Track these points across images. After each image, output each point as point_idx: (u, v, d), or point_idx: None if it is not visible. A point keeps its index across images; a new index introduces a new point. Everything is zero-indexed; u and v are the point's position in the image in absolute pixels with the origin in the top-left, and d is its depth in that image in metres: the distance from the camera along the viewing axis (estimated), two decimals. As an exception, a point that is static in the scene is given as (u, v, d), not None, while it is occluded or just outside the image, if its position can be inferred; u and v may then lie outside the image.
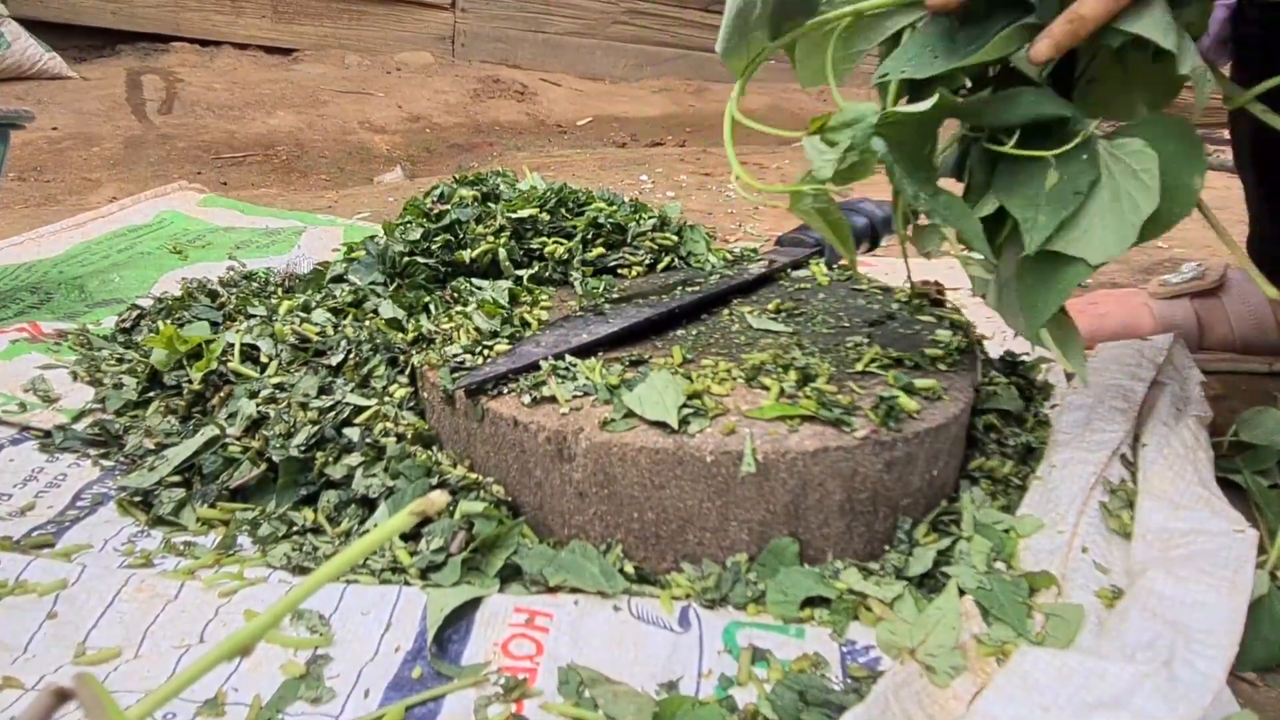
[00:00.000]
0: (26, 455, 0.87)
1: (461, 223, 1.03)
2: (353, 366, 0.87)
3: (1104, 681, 0.48)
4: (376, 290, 1.01)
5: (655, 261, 1.07)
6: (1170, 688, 0.46)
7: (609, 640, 0.61)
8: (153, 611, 0.63)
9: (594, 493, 0.70)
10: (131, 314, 1.18)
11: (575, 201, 1.11)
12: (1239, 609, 0.50)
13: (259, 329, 0.94)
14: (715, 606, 0.65)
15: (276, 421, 0.81)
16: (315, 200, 2.18)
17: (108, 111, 3.11)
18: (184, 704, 0.55)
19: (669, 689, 0.58)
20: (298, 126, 3.25)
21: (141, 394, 0.96)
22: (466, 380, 0.76)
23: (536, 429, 0.70)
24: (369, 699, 0.56)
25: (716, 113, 4.53)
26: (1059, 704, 0.47)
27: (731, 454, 0.66)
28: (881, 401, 0.70)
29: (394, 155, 3.21)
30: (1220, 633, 0.48)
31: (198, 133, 3.05)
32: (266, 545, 0.73)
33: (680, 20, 5.29)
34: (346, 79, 3.94)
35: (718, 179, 2.61)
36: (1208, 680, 0.46)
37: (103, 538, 0.75)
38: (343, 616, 0.63)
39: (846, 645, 0.62)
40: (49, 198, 2.34)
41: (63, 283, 1.35)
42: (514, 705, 0.56)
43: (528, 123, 3.92)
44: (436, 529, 0.69)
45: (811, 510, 0.68)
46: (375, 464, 0.77)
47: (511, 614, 0.63)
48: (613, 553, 0.70)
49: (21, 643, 0.60)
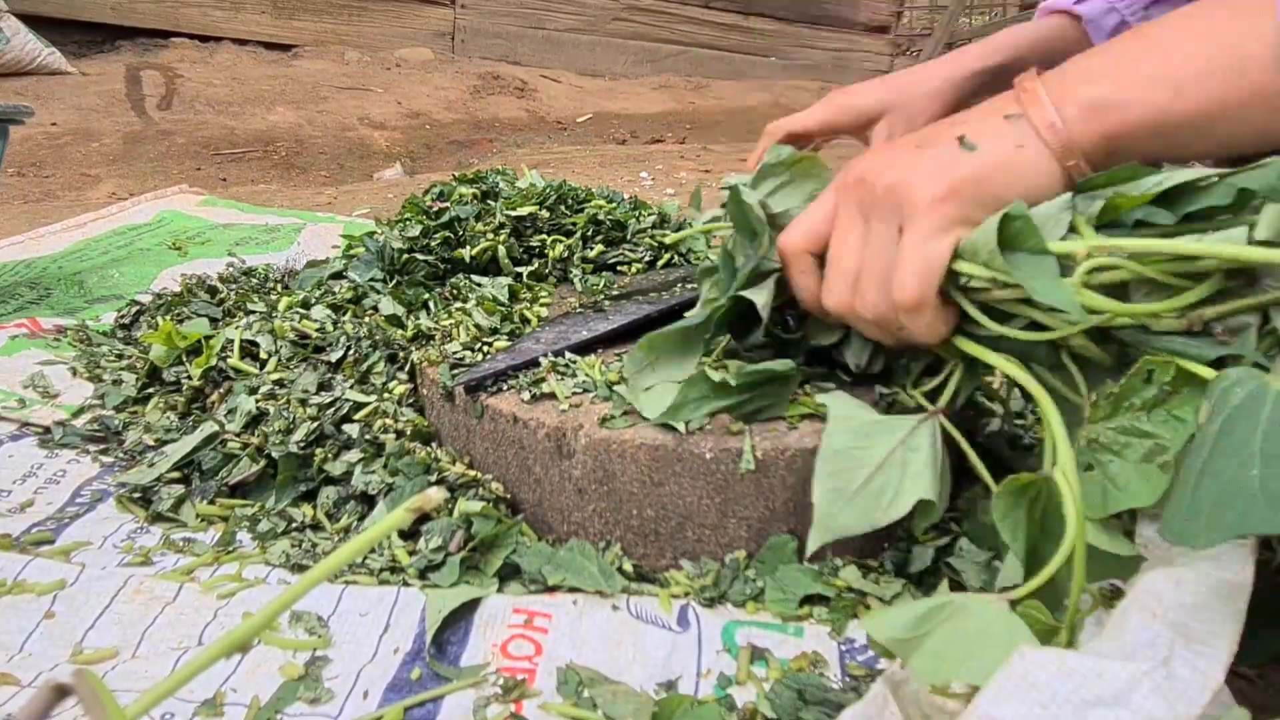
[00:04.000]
0: (26, 451, 0.87)
1: (461, 220, 1.03)
2: (352, 363, 0.86)
3: (1102, 680, 0.48)
4: (376, 287, 1.01)
5: (655, 258, 1.07)
6: (1169, 686, 0.46)
7: (608, 640, 0.61)
8: (151, 613, 0.63)
9: (593, 489, 0.70)
10: (131, 310, 1.18)
11: (575, 199, 1.10)
12: (1239, 609, 0.50)
13: (258, 325, 0.94)
14: (714, 605, 0.65)
15: (276, 418, 0.81)
16: (315, 197, 2.18)
17: (107, 107, 3.10)
18: (182, 704, 0.55)
19: (668, 688, 0.58)
20: (297, 123, 3.25)
21: (141, 390, 0.96)
22: (466, 377, 0.76)
23: (536, 426, 0.70)
24: (368, 700, 0.56)
25: (716, 109, 4.53)
26: (1057, 702, 0.47)
27: (731, 451, 0.66)
28: (882, 398, 0.70)
29: (393, 152, 3.20)
30: (1220, 632, 0.48)
31: (197, 128, 3.04)
32: (266, 541, 0.73)
33: (680, 17, 5.28)
34: (346, 75, 3.93)
35: (717, 176, 2.60)
36: (1206, 679, 0.46)
37: (102, 534, 0.75)
38: (341, 618, 0.63)
39: (845, 644, 0.62)
40: (48, 193, 2.34)
41: (62, 279, 1.35)
42: (513, 705, 0.56)
43: (527, 119, 3.91)
44: (435, 528, 0.69)
45: (811, 508, 0.68)
46: (374, 460, 0.77)
47: (510, 615, 0.63)
48: (611, 551, 0.70)
49: (18, 642, 0.60)
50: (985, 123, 0.62)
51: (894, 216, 0.61)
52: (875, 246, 0.63)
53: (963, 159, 0.60)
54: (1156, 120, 0.57)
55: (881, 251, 0.62)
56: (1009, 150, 0.60)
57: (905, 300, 0.60)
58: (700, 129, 4.10)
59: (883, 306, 0.62)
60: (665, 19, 5.22)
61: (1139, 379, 0.53)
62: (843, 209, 0.66)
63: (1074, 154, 0.59)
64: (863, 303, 0.64)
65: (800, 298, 0.71)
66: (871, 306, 0.63)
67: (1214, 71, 0.55)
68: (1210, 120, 0.56)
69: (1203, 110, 0.56)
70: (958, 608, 0.54)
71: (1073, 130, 0.59)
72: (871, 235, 0.63)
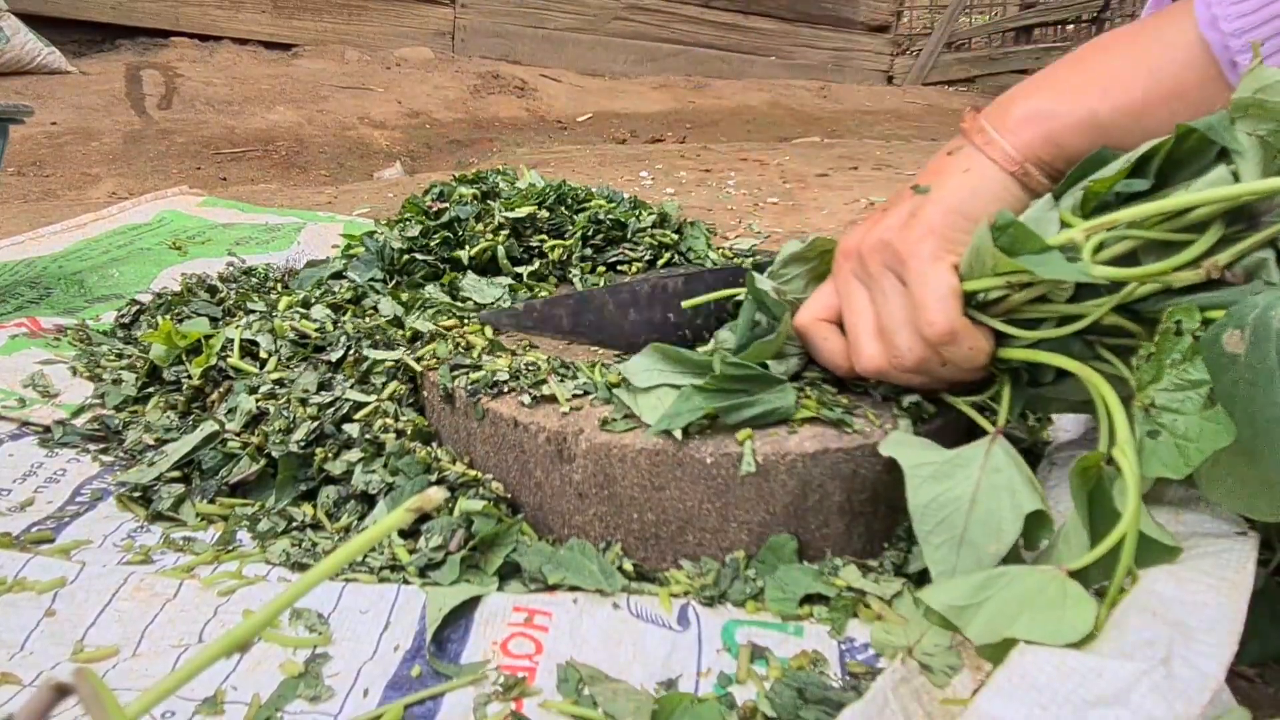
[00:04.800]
0: (26, 450, 0.87)
1: (461, 221, 1.03)
2: (352, 363, 0.86)
3: (1102, 679, 0.48)
4: (375, 287, 1.01)
5: (655, 258, 1.07)
6: (1168, 685, 0.46)
7: (608, 638, 0.61)
8: (151, 610, 0.63)
9: (594, 493, 0.70)
10: (131, 309, 1.18)
11: (575, 199, 1.10)
12: (1239, 609, 0.50)
13: (258, 325, 0.94)
14: (714, 604, 0.65)
15: (276, 417, 0.81)
16: (315, 196, 2.18)
17: (107, 106, 3.10)
18: (183, 702, 0.55)
19: (668, 687, 0.58)
20: (297, 122, 3.25)
21: (141, 389, 0.96)
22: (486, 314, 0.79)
23: (536, 429, 0.70)
24: (368, 698, 0.56)
25: (716, 109, 4.53)
26: (1057, 701, 0.47)
27: (731, 455, 0.66)
28: (893, 401, 0.70)
29: (393, 151, 3.20)
30: (1220, 632, 0.48)
31: (197, 128, 3.04)
32: (266, 541, 0.73)
33: (680, 16, 5.28)
34: (346, 74, 3.93)
35: (717, 175, 2.61)
36: (1206, 678, 0.46)
37: (102, 533, 0.75)
38: (341, 615, 0.63)
39: (845, 642, 0.62)
40: (48, 193, 2.34)
41: (62, 278, 1.35)
42: (513, 704, 0.56)
43: (527, 119, 3.91)
44: (435, 527, 0.69)
45: (811, 511, 0.68)
46: (374, 460, 0.77)
47: (510, 613, 0.63)
48: (611, 550, 0.70)
49: (19, 640, 0.60)
50: (933, 166, 0.68)
51: (890, 270, 0.66)
52: (886, 301, 0.66)
53: (928, 201, 0.65)
54: (1088, 120, 0.61)
55: (895, 303, 0.65)
56: (958, 177, 0.64)
57: (938, 333, 0.62)
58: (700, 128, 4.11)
59: (918, 349, 0.65)
60: (665, 18, 5.22)
61: (1170, 333, 0.54)
62: (842, 282, 0.70)
63: (1016, 160, 0.63)
64: (897, 356, 0.66)
65: (829, 363, 0.73)
66: (908, 353, 0.65)
67: (1136, 75, 0.60)
68: (1137, 117, 0.60)
69: (1129, 109, 0.60)
70: (1016, 575, 0.55)
71: (1011, 141, 0.63)
72: (877, 293, 0.67)
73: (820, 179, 2.59)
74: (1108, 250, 0.58)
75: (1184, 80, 0.59)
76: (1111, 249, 0.58)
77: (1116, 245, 0.58)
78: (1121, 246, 0.58)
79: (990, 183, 0.63)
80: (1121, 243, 0.58)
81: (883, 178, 2.65)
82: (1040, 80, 0.65)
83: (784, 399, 0.68)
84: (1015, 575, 0.55)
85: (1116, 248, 0.58)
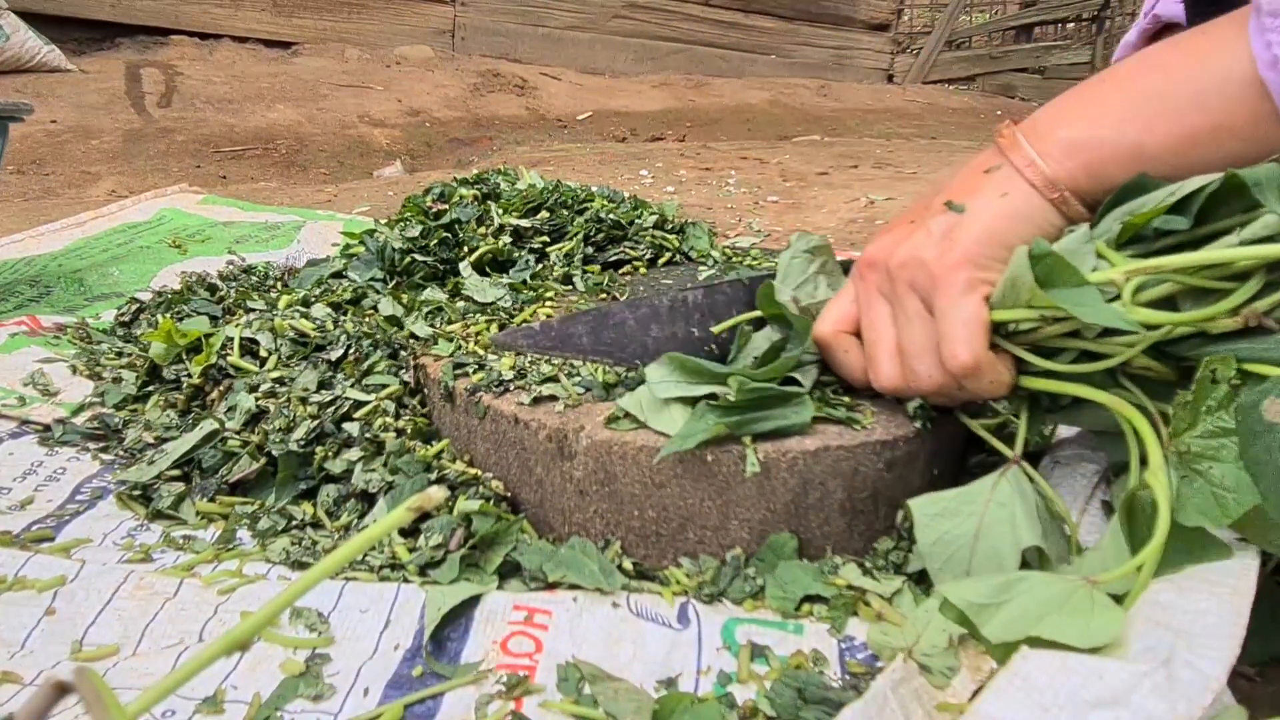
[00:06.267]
0: (26, 449, 0.87)
1: (461, 222, 1.03)
2: (352, 362, 0.86)
3: (1102, 680, 0.48)
4: (375, 287, 1.01)
5: (656, 256, 1.07)
6: (1169, 686, 0.46)
7: (608, 637, 0.61)
8: (151, 609, 0.63)
9: (594, 491, 0.70)
10: (131, 308, 1.18)
11: (575, 199, 1.10)
12: (1241, 613, 0.50)
13: (258, 323, 0.94)
14: (714, 602, 0.65)
15: (276, 416, 0.81)
16: (315, 194, 2.18)
17: (107, 105, 3.10)
18: (183, 701, 0.55)
19: (668, 686, 0.58)
20: (297, 120, 3.25)
21: (141, 388, 0.96)
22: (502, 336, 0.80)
23: (537, 427, 0.70)
24: (368, 697, 0.56)
25: (716, 108, 4.52)
26: (1058, 703, 0.47)
27: (732, 454, 0.66)
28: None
29: (393, 149, 3.20)
30: (1222, 634, 0.48)
31: (197, 126, 3.04)
32: (265, 539, 0.73)
33: (680, 15, 5.28)
34: (346, 73, 3.93)
35: (717, 174, 2.61)
36: (1208, 680, 0.46)
37: (102, 532, 0.75)
38: (342, 614, 0.63)
39: (845, 641, 0.62)
40: (48, 191, 2.34)
41: (62, 276, 1.34)
42: (513, 703, 0.56)
43: (527, 117, 3.91)
44: (435, 525, 0.69)
45: (812, 509, 0.68)
46: (375, 459, 0.77)
47: (510, 611, 0.63)
48: (611, 549, 0.70)
49: (19, 638, 0.60)
50: (967, 182, 0.65)
51: (916, 292, 0.64)
52: (909, 324, 0.65)
53: (963, 223, 0.62)
54: (1133, 152, 0.60)
55: (919, 329, 0.64)
56: (996, 200, 0.62)
57: (960, 368, 0.62)
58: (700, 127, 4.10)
59: (939, 378, 0.64)
60: (665, 17, 5.21)
61: (1206, 381, 0.54)
62: (863, 293, 0.69)
63: (1058, 188, 0.61)
64: (916, 381, 0.66)
65: (848, 376, 0.73)
66: (926, 380, 0.65)
67: (1182, 106, 0.58)
68: (1183, 151, 0.59)
69: (1173, 143, 0.59)
70: (1039, 580, 0.55)
71: (1053, 167, 0.61)
72: (900, 314, 0.66)
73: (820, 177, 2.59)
74: (1146, 293, 0.57)
75: (1234, 114, 0.57)
76: (1150, 291, 0.57)
77: (1156, 288, 0.57)
78: (1161, 289, 0.57)
79: (1030, 209, 0.62)
80: (1161, 285, 0.57)
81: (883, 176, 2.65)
82: (1083, 100, 0.63)
83: (800, 415, 0.67)
84: (1038, 580, 0.55)
85: (1155, 290, 0.57)
